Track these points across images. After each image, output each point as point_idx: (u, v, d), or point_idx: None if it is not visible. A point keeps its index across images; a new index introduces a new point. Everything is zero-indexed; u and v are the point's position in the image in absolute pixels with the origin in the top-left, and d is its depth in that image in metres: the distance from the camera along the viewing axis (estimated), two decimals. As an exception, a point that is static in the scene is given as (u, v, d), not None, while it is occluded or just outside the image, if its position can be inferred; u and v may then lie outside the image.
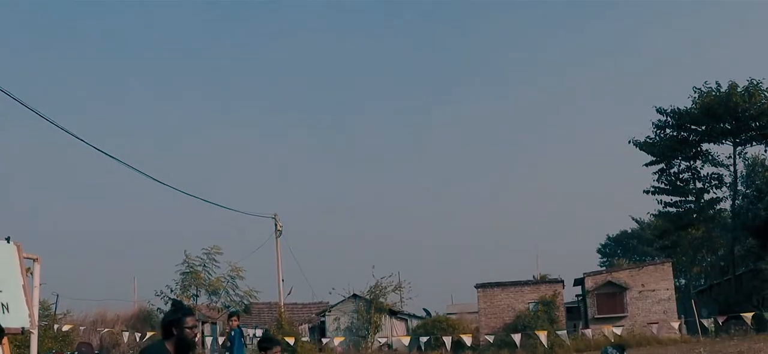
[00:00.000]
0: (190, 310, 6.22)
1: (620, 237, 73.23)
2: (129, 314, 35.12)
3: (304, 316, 43.08)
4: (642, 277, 37.53)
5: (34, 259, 13.81)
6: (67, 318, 26.52)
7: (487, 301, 37.78)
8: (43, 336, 19.56)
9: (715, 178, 45.23)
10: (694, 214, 46.78)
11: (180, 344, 6.04)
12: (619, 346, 7.94)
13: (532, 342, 32.34)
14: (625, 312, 36.71)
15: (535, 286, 38.45)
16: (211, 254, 34.98)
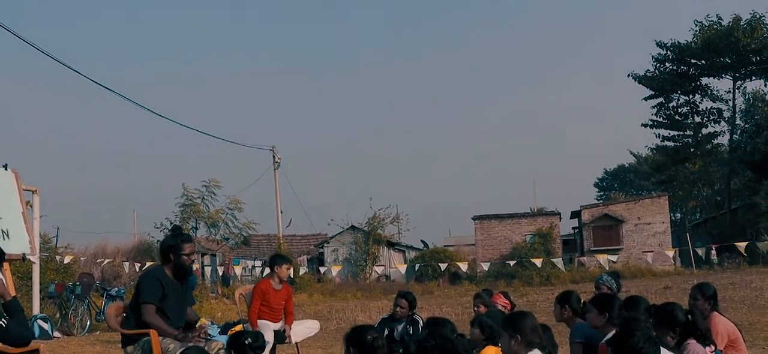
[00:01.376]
0: (188, 237, 6.30)
1: (617, 171, 73.51)
2: (129, 247, 35.38)
3: (302, 247, 43.49)
4: (638, 211, 37.82)
5: (33, 191, 13.88)
6: (68, 251, 26.74)
7: (485, 233, 38.13)
8: (45, 268, 19.72)
9: (713, 112, 45.20)
10: (691, 149, 46.90)
11: (177, 269, 6.15)
12: (614, 273, 8.05)
13: (529, 273, 32.76)
14: (621, 244, 37.11)
15: (532, 218, 38.77)
16: (210, 187, 35.05)
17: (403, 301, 8.28)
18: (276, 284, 8.23)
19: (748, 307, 16.05)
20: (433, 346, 4.27)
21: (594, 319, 5.74)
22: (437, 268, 36.43)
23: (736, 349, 6.40)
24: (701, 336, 5.54)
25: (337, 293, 29.88)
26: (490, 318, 6.09)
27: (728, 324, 6.58)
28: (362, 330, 4.61)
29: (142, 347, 5.93)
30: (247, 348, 4.63)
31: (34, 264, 15.41)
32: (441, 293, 28.11)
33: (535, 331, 4.58)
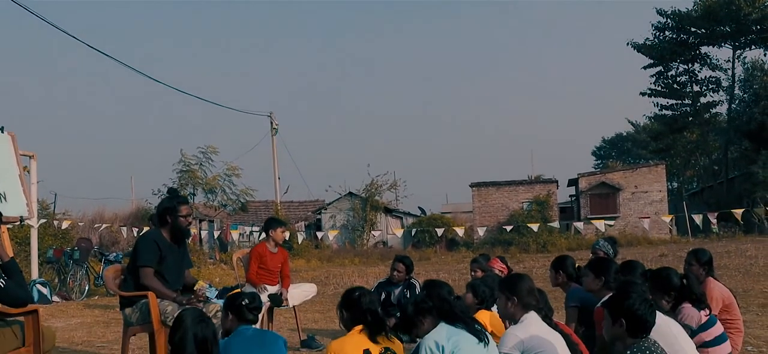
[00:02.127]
0: (185, 199, 6.30)
1: (615, 139, 73.56)
2: (127, 213, 35.39)
3: (300, 214, 43.56)
4: (635, 179, 37.86)
5: (31, 156, 13.86)
6: (66, 217, 26.75)
7: (482, 200, 38.18)
8: (43, 233, 19.77)
9: (712, 81, 45.08)
10: (689, 118, 46.87)
11: (175, 231, 6.15)
12: (610, 239, 8.09)
13: (525, 240, 32.87)
14: (618, 212, 37.20)
15: (529, 185, 38.81)
16: (207, 153, 35.04)
17: (401, 265, 8.31)
18: (272, 247, 8.25)
19: (743, 274, 16.14)
20: (431, 307, 4.29)
21: (590, 283, 5.77)
22: (434, 234, 36.55)
23: (730, 315, 6.44)
24: (696, 300, 5.58)
25: (334, 259, 30.00)
26: (486, 282, 6.12)
27: (723, 289, 6.62)
28: (349, 291, 4.66)
29: (140, 309, 5.96)
30: (244, 309, 4.65)
31: (33, 228, 15.44)
32: (438, 259, 28.23)
33: (532, 294, 4.61)
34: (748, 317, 8.99)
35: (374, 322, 4.46)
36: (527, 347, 4.41)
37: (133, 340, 7.87)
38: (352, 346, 4.39)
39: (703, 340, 5.39)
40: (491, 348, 4.12)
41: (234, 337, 4.59)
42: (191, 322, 4.05)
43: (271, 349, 4.57)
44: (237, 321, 4.66)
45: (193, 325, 4.03)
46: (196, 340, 3.99)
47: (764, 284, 14.09)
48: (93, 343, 9.14)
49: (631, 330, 3.88)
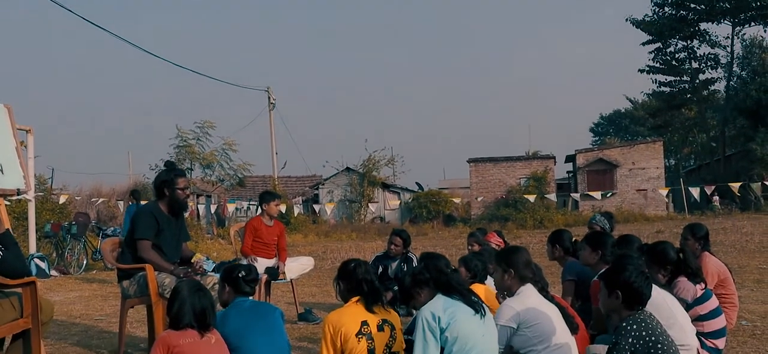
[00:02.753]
0: (181, 172, 6.29)
1: (613, 116, 73.56)
2: (124, 188, 35.42)
3: (297, 189, 43.59)
4: (633, 155, 37.87)
5: (27, 131, 13.79)
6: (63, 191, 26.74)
7: (479, 175, 38.19)
8: (40, 208, 19.76)
9: (711, 58, 44.97)
10: (687, 95, 46.82)
11: (172, 204, 6.15)
12: (607, 214, 8.11)
13: (523, 216, 32.95)
14: (615, 189, 37.25)
15: (527, 161, 38.81)
16: (204, 128, 34.99)
17: (398, 239, 8.33)
18: (267, 221, 8.26)
19: (739, 251, 16.22)
20: (428, 279, 4.30)
21: (587, 256, 5.79)
22: (432, 209, 36.58)
23: (726, 289, 6.48)
24: (692, 274, 5.60)
25: (331, 234, 30.07)
26: (478, 257, 6.15)
27: (718, 264, 6.66)
28: (345, 263, 4.68)
29: (138, 282, 5.97)
30: (240, 281, 4.66)
31: (30, 202, 15.43)
32: (435, 235, 28.31)
33: (528, 266, 4.62)
34: (743, 293, 9.04)
35: (370, 292, 4.48)
36: (523, 319, 4.43)
37: (131, 312, 7.91)
38: (349, 317, 4.41)
39: (698, 313, 5.43)
40: (487, 319, 4.14)
41: (231, 308, 4.60)
42: (188, 292, 4.07)
43: (268, 321, 4.59)
44: (234, 293, 4.67)
45: (191, 296, 4.05)
46: (194, 311, 4.01)
47: (759, 260, 14.15)
48: (91, 316, 9.18)
49: (627, 302, 3.90)
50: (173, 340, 3.94)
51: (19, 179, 7.01)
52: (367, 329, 4.37)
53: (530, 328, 4.42)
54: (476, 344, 4.01)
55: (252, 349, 4.35)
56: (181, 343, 3.92)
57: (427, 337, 3.98)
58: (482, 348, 4.03)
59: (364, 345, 4.34)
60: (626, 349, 3.75)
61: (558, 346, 4.41)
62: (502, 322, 4.47)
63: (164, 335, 4.01)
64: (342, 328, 4.34)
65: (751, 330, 6.75)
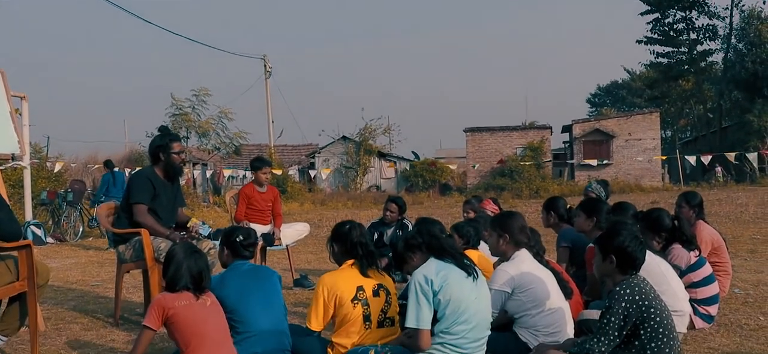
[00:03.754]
0: (176, 136, 6.26)
1: (610, 87, 73.44)
2: (120, 156, 35.37)
3: (294, 157, 43.58)
4: (629, 126, 37.87)
5: (22, 98, 13.70)
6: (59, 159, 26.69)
7: (476, 145, 38.18)
8: (36, 176, 19.73)
9: (709, 29, 44.80)
10: (685, 66, 46.69)
11: (168, 169, 6.14)
12: (602, 181, 8.13)
13: (518, 185, 33.01)
14: (611, 160, 37.30)
15: (523, 131, 38.79)
16: (200, 96, 34.87)
17: (393, 206, 8.34)
18: (259, 187, 8.24)
19: (733, 221, 16.28)
20: (420, 244, 4.30)
21: (582, 223, 5.81)
22: (427, 179, 36.61)
23: (719, 258, 6.52)
24: (686, 241, 5.63)
25: (327, 203, 30.11)
26: (470, 224, 6.17)
27: (713, 232, 6.69)
28: (339, 225, 4.66)
29: (134, 246, 5.98)
30: (238, 245, 4.67)
31: (26, 169, 15.38)
32: (431, 204, 28.35)
33: (523, 231, 4.63)
34: (736, 262, 9.09)
35: (365, 256, 4.48)
36: (518, 284, 4.45)
37: (127, 278, 7.93)
38: (344, 280, 4.41)
39: (691, 280, 5.47)
40: (480, 282, 4.15)
41: (230, 270, 4.62)
42: (184, 255, 4.07)
43: (265, 284, 4.60)
44: (232, 256, 4.69)
45: (186, 258, 4.05)
46: (190, 273, 4.02)
47: (753, 230, 14.22)
48: (87, 282, 9.20)
49: (621, 267, 3.91)
50: (168, 303, 3.95)
51: (14, 144, 7.00)
52: (362, 295, 4.38)
53: (525, 293, 4.44)
54: (469, 307, 4.02)
55: (249, 312, 4.37)
56: (176, 306, 3.94)
57: (420, 300, 3.99)
58: (475, 310, 4.05)
59: (360, 310, 4.35)
60: (619, 313, 3.78)
61: (552, 310, 4.43)
62: (497, 287, 4.49)
63: (159, 297, 4.02)
64: (337, 292, 4.35)
65: (743, 298, 6.79)
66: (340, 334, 4.37)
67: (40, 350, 4.92)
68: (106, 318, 6.49)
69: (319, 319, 4.40)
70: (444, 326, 4.01)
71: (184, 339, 3.90)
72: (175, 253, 4.10)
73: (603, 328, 3.82)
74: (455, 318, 3.99)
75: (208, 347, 3.90)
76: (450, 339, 4.00)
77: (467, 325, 4.01)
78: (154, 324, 3.95)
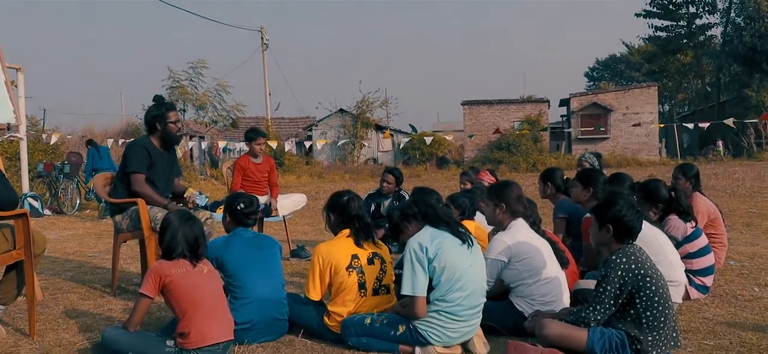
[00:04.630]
0: (172, 106, 6.23)
1: (608, 61, 73.17)
2: (117, 129, 35.28)
3: (291, 130, 43.50)
4: (627, 100, 37.81)
5: (18, 69, 13.62)
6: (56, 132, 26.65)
7: (473, 118, 38.11)
8: (33, 149, 19.67)
9: (708, 3, 44.58)
10: (683, 40, 46.54)
11: (164, 138, 6.11)
12: (596, 153, 8.13)
13: (515, 159, 33.02)
14: (608, 134, 37.28)
15: (521, 105, 38.71)
16: (197, 68, 34.74)
17: (390, 177, 8.33)
18: (254, 158, 8.23)
19: (730, 195, 16.31)
20: (416, 213, 4.30)
21: (578, 193, 5.81)
22: (425, 151, 36.57)
23: (715, 229, 6.53)
24: (683, 212, 5.64)
25: (325, 175, 30.12)
26: (466, 195, 6.16)
27: (709, 204, 6.69)
28: (337, 194, 4.66)
29: (130, 216, 5.96)
30: (240, 213, 4.68)
31: (22, 140, 15.34)
32: (428, 177, 28.38)
33: (520, 201, 4.63)
34: (732, 235, 9.11)
35: (362, 229, 4.49)
36: (514, 253, 4.46)
37: (124, 249, 7.94)
38: (339, 249, 4.43)
39: (687, 251, 5.48)
40: (475, 250, 4.15)
41: (233, 236, 4.65)
42: (179, 222, 4.07)
43: (267, 253, 4.62)
44: (234, 224, 4.71)
45: (182, 226, 4.05)
46: (186, 240, 4.03)
47: (749, 204, 14.25)
48: (85, 252, 9.21)
49: (618, 236, 3.92)
50: (165, 270, 3.95)
51: (9, 113, 6.96)
52: (357, 262, 4.40)
53: (521, 262, 4.45)
54: (464, 274, 4.03)
55: (249, 279, 4.40)
56: (172, 273, 3.94)
57: (415, 267, 4.00)
58: (470, 278, 4.06)
59: (354, 278, 4.37)
60: (615, 282, 3.79)
61: (548, 279, 4.44)
62: (493, 256, 4.50)
63: (156, 265, 4.03)
64: (332, 261, 4.37)
65: (738, 269, 6.81)
66: (336, 302, 4.39)
67: (38, 319, 4.92)
68: (104, 288, 6.50)
69: (317, 288, 4.42)
70: (439, 294, 4.02)
71: (181, 306, 3.91)
72: (170, 221, 4.10)
73: (599, 296, 3.84)
74: (450, 285, 4.00)
75: (204, 314, 3.91)
76: (445, 306, 4.01)
77: (463, 292, 4.03)
78: (151, 292, 3.96)
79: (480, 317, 4.18)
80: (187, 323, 3.87)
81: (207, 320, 3.90)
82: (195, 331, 3.85)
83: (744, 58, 40.85)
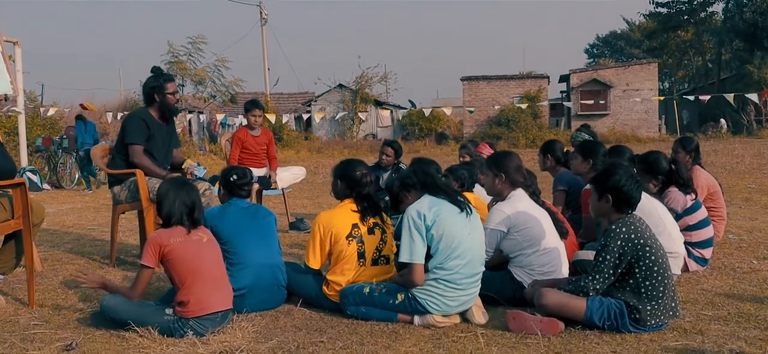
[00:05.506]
0: (170, 77, 6.19)
1: (609, 37, 72.88)
2: (115, 104, 35.19)
3: (289, 105, 43.40)
4: (627, 76, 37.67)
5: (15, 43, 13.57)
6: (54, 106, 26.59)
7: (472, 94, 37.99)
8: (31, 124, 19.66)
9: (710, -22, 44.33)
10: (684, 16, 46.28)
11: (162, 109, 6.08)
12: (585, 126, 8.12)
13: (515, 135, 32.99)
14: (608, 110, 37.19)
15: (521, 80, 38.56)
16: (196, 43, 34.64)
17: (389, 149, 8.32)
18: (252, 131, 8.21)
19: (729, 171, 16.33)
20: (415, 182, 4.29)
21: (578, 165, 5.80)
22: (424, 127, 36.52)
23: (715, 203, 6.53)
24: (683, 185, 5.63)
25: (324, 150, 30.11)
26: (464, 167, 6.15)
27: (709, 177, 6.68)
28: (352, 163, 4.60)
29: (129, 187, 5.95)
30: (234, 185, 4.67)
31: (20, 114, 15.32)
32: (427, 152, 28.34)
33: (519, 171, 4.62)
34: (731, 210, 9.12)
35: (370, 208, 4.48)
36: (514, 223, 4.45)
37: (123, 221, 7.95)
38: (339, 217, 4.42)
39: (687, 223, 5.48)
40: (473, 218, 4.14)
41: (228, 205, 4.65)
42: (175, 189, 4.07)
43: (262, 223, 4.62)
44: (228, 196, 4.71)
45: (179, 192, 4.05)
46: (185, 205, 4.03)
47: (748, 180, 14.28)
48: (83, 225, 9.21)
49: (617, 205, 3.91)
50: (164, 240, 3.95)
51: (6, 85, 6.95)
52: (357, 231, 4.39)
53: (520, 232, 4.44)
54: (462, 242, 4.02)
55: (244, 245, 4.40)
56: (171, 242, 3.93)
57: (413, 235, 3.99)
58: (468, 245, 4.05)
59: (354, 247, 4.36)
60: (615, 251, 3.79)
61: (547, 250, 4.44)
62: (492, 226, 4.49)
63: (154, 235, 4.02)
64: (332, 229, 4.36)
65: (737, 243, 6.83)
66: (335, 271, 4.39)
67: (37, 289, 4.93)
68: (103, 259, 6.51)
69: (317, 257, 4.42)
70: (438, 262, 4.02)
71: (180, 275, 3.92)
72: (166, 189, 4.09)
73: (598, 265, 3.84)
74: (449, 253, 4.00)
75: (203, 283, 3.91)
76: (444, 274, 4.01)
77: (461, 260, 4.02)
78: (152, 262, 3.96)
79: (479, 286, 4.18)
80: (186, 292, 3.87)
81: (206, 289, 3.90)
82: (194, 300, 3.85)
83: (745, 34, 40.64)
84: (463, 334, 3.93)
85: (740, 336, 3.79)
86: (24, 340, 3.92)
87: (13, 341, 3.90)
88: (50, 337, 3.97)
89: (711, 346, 3.63)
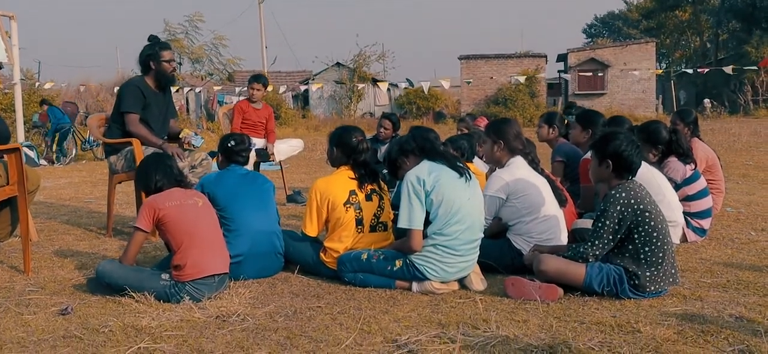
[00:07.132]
0: (166, 44, 6.13)
1: (607, 18, 72.72)
2: (112, 82, 35.09)
3: (288, 84, 43.31)
4: (625, 56, 37.60)
5: (10, 17, 13.45)
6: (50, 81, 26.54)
7: (470, 72, 37.87)
8: (28, 101, 19.59)
9: (709, -43, 44.19)
10: (683, -5, 46.24)
11: (159, 77, 6.02)
12: (572, 105, 8.09)
13: (512, 114, 32.93)
14: (605, 89, 37.14)
15: (519, 59, 38.43)
16: (193, 21, 34.49)
17: (387, 122, 8.28)
18: (254, 103, 8.19)
19: (726, 149, 16.30)
20: (413, 148, 4.26)
21: (577, 135, 5.77)
22: (421, 106, 36.45)
23: (713, 175, 6.50)
24: (682, 155, 5.61)
25: (321, 128, 30.06)
26: (464, 137, 6.12)
27: (707, 149, 6.66)
28: (348, 130, 4.57)
29: (125, 157, 5.90)
30: (231, 151, 4.65)
31: (16, 85, 15.22)
32: (425, 132, 28.29)
33: (518, 138, 4.59)
34: (729, 185, 9.10)
35: (368, 175, 4.46)
36: (513, 190, 4.42)
37: (120, 193, 7.90)
38: (336, 184, 4.39)
39: (686, 193, 5.46)
40: (473, 184, 4.11)
41: (226, 171, 4.63)
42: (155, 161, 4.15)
43: (259, 189, 4.59)
44: (226, 162, 4.69)
45: (160, 162, 4.12)
46: (172, 171, 4.06)
47: (745, 157, 14.25)
48: (81, 198, 9.18)
49: (617, 171, 3.88)
50: (159, 204, 3.92)
51: (1, 52, 6.88)
52: (355, 198, 4.36)
53: (519, 199, 4.42)
54: (462, 207, 3.99)
55: (241, 211, 4.37)
56: (166, 206, 3.91)
57: (412, 200, 3.95)
58: (468, 211, 4.02)
59: (352, 214, 4.33)
60: (614, 217, 3.76)
61: (546, 217, 4.42)
62: (491, 193, 4.46)
63: (150, 199, 4.00)
64: (330, 196, 4.33)
65: (735, 215, 6.82)
66: (333, 238, 4.36)
67: (33, 257, 4.91)
68: (99, 230, 6.48)
69: (314, 224, 4.39)
70: (437, 227, 3.99)
71: (176, 239, 3.89)
72: (147, 164, 4.18)
73: (597, 231, 3.82)
74: (448, 218, 3.97)
75: (199, 246, 3.89)
76: (443, 240, 3.98)
77: (460, 225, 3.99)
78: (146, 225, 3.94)
79: (477, 253, 4.15)
80: (182, 255, 3.85)
81: (202, 252, 3.88)
82: (190, 263, 3.83)
83: (743, 14, 40.58)
84: (461, 299, 3.92)
85: (739, 302, 3.78)
86: (19, 305, 3.90)
87: (8, 306, 3.88)
88: (46, 303, 3.95)
89: (710, 311, 3.62)
